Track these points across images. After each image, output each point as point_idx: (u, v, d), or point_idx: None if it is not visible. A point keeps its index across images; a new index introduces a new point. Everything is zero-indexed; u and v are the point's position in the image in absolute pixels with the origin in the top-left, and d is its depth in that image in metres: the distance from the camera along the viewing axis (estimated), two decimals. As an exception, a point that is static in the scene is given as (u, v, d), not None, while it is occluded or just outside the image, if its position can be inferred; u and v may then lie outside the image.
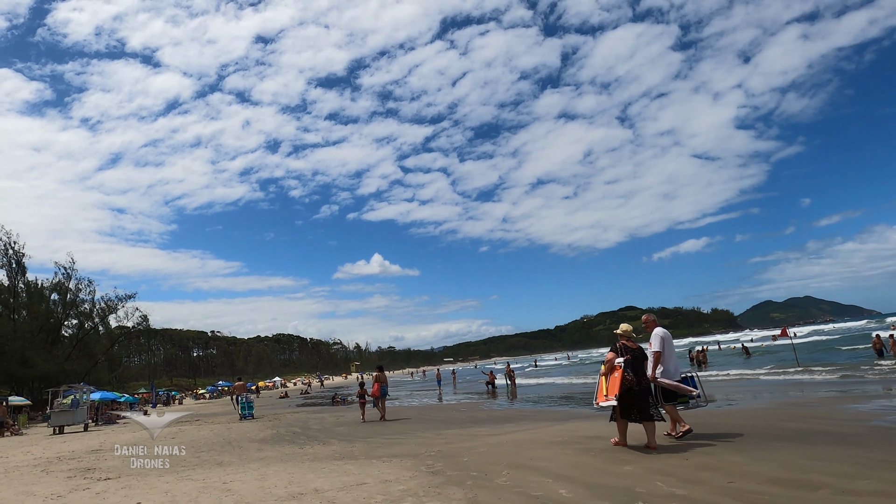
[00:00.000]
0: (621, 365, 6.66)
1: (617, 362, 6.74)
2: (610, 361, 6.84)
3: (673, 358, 7.24)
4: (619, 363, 6.71)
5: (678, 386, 7.06)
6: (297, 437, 12.27)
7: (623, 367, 6.63)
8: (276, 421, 17.84)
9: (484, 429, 10.95)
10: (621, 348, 6.83)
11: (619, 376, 6.61)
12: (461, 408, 18.45)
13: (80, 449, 12.88)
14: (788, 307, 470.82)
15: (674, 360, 7.25)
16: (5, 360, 39.92)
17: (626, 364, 6.65)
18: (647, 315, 7.61)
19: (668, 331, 7.35)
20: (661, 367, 7.00)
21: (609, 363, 6.85)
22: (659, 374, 6.96)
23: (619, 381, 6.58)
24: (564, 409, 14.72)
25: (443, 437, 9.99)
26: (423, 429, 11.94)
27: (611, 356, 6.86)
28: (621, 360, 6.70)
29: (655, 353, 7.00)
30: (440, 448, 8.26)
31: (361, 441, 10.40)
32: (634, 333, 7.17)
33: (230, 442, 12.14)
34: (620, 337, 7.01)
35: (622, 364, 6.66)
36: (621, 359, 6.72)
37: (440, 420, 14.10)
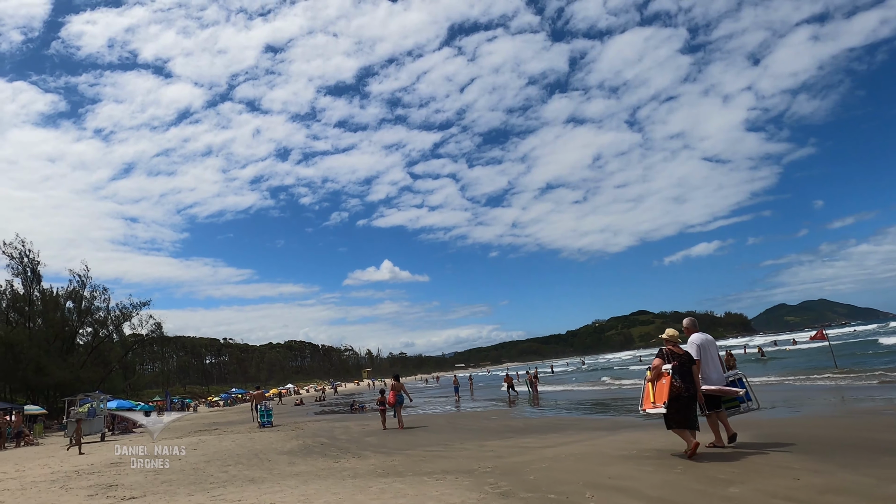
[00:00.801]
0: (669, 371, 6.49)
1: (664, 369, 6.57)
2: (657, 367, 6.66)
3: (713, 363, 7.03)
4: (666, 370, 6.54)
5: (721, 389, 6.86)
6: (327, 448, 11.56)
7: (671, 374, 6.45)
8: (298, 430, 17.16)
9: (528, 439, 10.19)
10: (668, 354, 6.67)
11: (667, 383, 6.44)
12: (491, 415, 17.66)
13: (100, 462, 12.27)
14: (803, 310, 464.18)
15: (715, 366, 7.03)
16: (21, 368, 39.74)
17: (674, 370, 6.48)
18: (686, 321, 7.43)
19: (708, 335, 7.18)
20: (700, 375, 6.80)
21: (656, 369, 6.68)
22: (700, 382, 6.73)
23: (667, 388, 6.41)
24: (605, 418, 13.90)
25: (488, 448, 9.24)
26: (461, 439, 11.18)
27: (657, 362, 6.67)
28: (669, 367, 6.53)
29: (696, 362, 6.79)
30: (493, 462, 7.51)
31: (399, 454, 9.68)
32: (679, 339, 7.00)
33: (256, 454, 11.46)
34: (666, 342, 6.85)
35: (670, 370, 6.49)
36: (668, 365, 6.55)
37: (475, 429, 13.34)
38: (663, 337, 6.96)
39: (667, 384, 6.42)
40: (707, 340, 7.09)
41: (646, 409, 6.83)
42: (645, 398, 6.91)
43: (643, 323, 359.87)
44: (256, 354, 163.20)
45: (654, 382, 6.73)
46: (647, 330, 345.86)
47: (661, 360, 6.65)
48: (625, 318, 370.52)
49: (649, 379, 6.85)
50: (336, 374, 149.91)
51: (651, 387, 6.77)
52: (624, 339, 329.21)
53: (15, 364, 39.72)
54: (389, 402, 15.57)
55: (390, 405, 15.57)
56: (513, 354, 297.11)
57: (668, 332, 7.00)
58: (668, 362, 6.60)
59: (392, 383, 16.23)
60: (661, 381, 6.58)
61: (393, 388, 15.85)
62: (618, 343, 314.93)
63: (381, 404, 15.95)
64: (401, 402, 15.78)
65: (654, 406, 6.61)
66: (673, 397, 6.34)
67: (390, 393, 15.71)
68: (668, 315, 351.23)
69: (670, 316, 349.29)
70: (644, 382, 7.06)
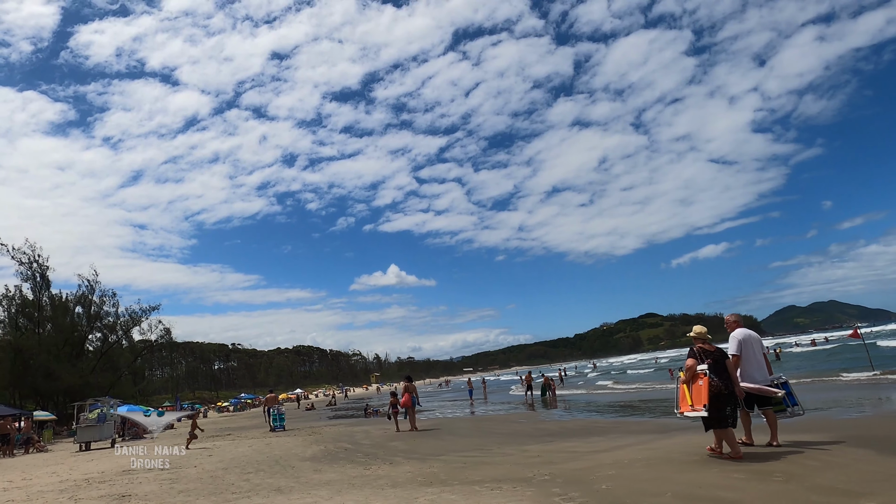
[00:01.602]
0: (705, 372, 6.21)
1: (700, 369, 6.29)
2: (691, 368, 6.36)
3: (756, 361, 6.75)
4: (702, 370, 6.26)
5: (762, 389, 6.60)
6: (352, 454, 10.79)
7: (708, 374, 6.17)
8: (316, 435, 16.41)
9: (571, 443, 9.39)
10: (699, 352, 6.39)
11: (705, 384, 6.14)
12: (517, 418, 16.84)
13: (111, 469, 11.56)
14: (812, 312, 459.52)
15: (759, 365, 6.75)
16: (30, 373, 39.32)
17: (710, 369, 6.21)
18: (730, 316, 7.15)
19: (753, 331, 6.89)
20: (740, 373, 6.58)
21: (690, 370, 6.37)
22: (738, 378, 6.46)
23: (706, 388, 6.10)
24: (645, 420, 13.03)
25: (532, 453, 8.45)
26: (496, 443, 10.38)
27: (691, 362, 6.37)
28: (704, 367, 6.25)
29: (733, 357, 6.56)
30: (548, 469, 6.72)
31: (435, 459, 8.89)
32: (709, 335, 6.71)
33: (277, 461, 10.70)
34: (696, 340, 6.57)
35: (706, 371, 6.21)
36: (704, 365, 6.27)
37: (506, 433, 12.53)
38: (692, 335, 6.67)
39: (705, 385, 6.13)
40: (750, 337, 6.77)
41: (683, 412, 6.55)
42: (681, 400, 6.61)
43: (652, 325, 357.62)
44: (265, 359, 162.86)
45: (689, 384, 6.45)
46: (657, 332, 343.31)
47: (695, 360, 6.36)
48: (633, 321, 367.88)
49: (684, 380, 6.56)
50: (344, 379, 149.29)
51: (687, 388, 6.49)
52: (633, 342, 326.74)
53: (24, 369, 39.33)
54: (404, 405, 15.41)
55: (404, 407, 15.45)
56: (521, 358, 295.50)
57: (696, 329, 6.69)
58: (702, 362, 6.31)
59: (405, 385, 16.02)
60: (696, 382, 6.30)
61: (406, 389, 15.67)
62: (627, 346, 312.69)
63: (394, 407, 15.75)
64: (414, 404, 15.61)
65: (692, 409, 6.31)
66: (713, 396, 6.04)
67: (404, 395, 15.52)
68: (676, 317, 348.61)
69: (679, 318, 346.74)
70: (678, 384, 6.81)
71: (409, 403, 15.48)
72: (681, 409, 6.61)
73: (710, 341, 6.60)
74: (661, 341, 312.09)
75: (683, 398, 6.55)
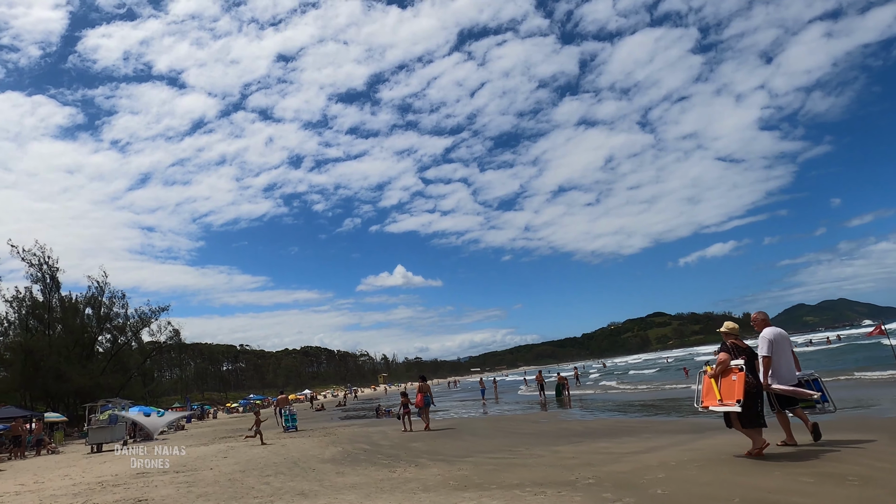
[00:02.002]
0: (741, 367, 6.06)
1: (734, 364, 6.13)
2: (724, 363, 6.19)
3: (786, 360, 6.54)
4: (736, 365, 6.11)
5: (795, 391, 6.38)
6: (372, 455, 10.42)
7: (743, 369, 6.03)
8: (331, 436, 16.07)
9: (604, 443, 8.97)
10: (733, 348, 6.27)
11: (739, 379, 5.97)
12: (536, 418, 16.43)
13: (124, 472, 11.25)
14: (822, 310, 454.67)
15: (788, 363, 6.54)
16: (41, 375, 39.26)
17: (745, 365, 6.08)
18: (757, 314, 6.91)
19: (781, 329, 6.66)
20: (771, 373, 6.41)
21: (722, 364, 6.20)
22: (770, 379, 6.37)
23: (741, 384, 5.93)
24: (674, 419, 12.57)
25: (566, 454, 8.04)
26: (523, 444, 9.97)
27: (724, 357, 6.22)
28: (740, 362, 6.11)
29: (765, 359, 6.38)
30: (591, 472, 6.31)
31: (462, 461, 8.50)
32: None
33: (296, 463, 10.35)
34: (727, 336, 6.45)
35: (741, 366, 6.06)
36: (739, 360, 6.13)
37: (530, 433, 12.12)
38: (723, 331, 6.56)
39: (739, 380, 5.96)
40: (780, 336, 6.57)
41: (708, 407, 6.37)
42: (706, 394, 6.43)
43: (660, 325, 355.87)
44: (273, 360, 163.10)
45: (717, 378, 6.26)
46: (665, 332, 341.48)
47: (728, 355, 6.21)
48: (641, 320, 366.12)
49: (712, 374, 6.38)
50: (352, 380, 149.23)
51: (715, 383, 6.28)
52: (641, 342, 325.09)
53: (35, 371, 39.25)
54: (417, 404, 15.30)
55: (417, 407, 15.32)
56: (528, 358, 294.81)
57: (727, 325, 6.59)
58: (736, 357, 6.18)
59: (419, 384, 15.91)
60: (729, 377, 6.12)
61: (420, 389, 15.57)
62: (635, 345, 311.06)
63: (405, 407, 15.57)
64: (428, 403, 15.54)
65: (721, 404, 6.10)
66: (747, 393, 5.89)
67: (418, 395, 15.42)
68: (685, 316, 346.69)
69: (687, 317, 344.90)
70: (703, 377, 6.63)
71: (423, 403, 15.41)
72: (705, 403, 6.44)
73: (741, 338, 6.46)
74: (669, 340, 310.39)
75: (709, 393, 6.37)
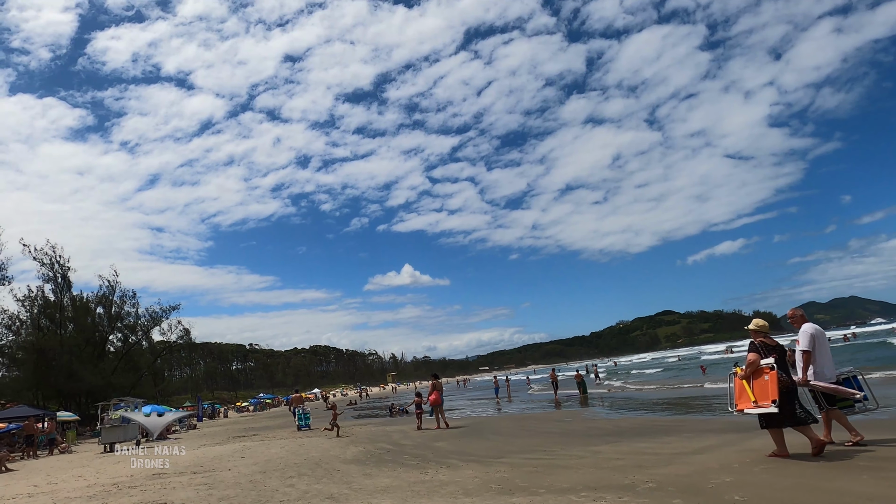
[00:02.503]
0: (772, 367, 5.85)
1: (765, 363, 5.94)
2: (754, 363, 6.03)
3: (826, 357, 6.37)
4: (767, 364, 5.91)
5: (837, 388, 6.23)
6: (398, 456, 9.97)
7: (775, 369, 5.83)
8: (349, 435, 15.64)
9: (645, 443, 8.48)
10: (762, 346, 6.08)
11: (772, 379, 5.79)
12: (562, 417, 15.94)
13: (139, 473, 10.87)
14: (833, 308, 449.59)
15: (828, 360, 6.38)
16: (53, 374, 39.23)
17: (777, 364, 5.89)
18: (794, 310, 6.70)
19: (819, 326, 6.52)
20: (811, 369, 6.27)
21: (753, 365, 6.03)
22: (811, 376, 6.21)
23: (775, 384, 5.74)
24: (711, 418, 12.02)
25: (608, 455, 7.55)
26: (555, 444, 9.49)
27: (754, 357, 6.05)
28: (770, 361, 5.91)
29: (805, 353, 6.25)
30: (645, 476, 5.81)
31: (497, 462, 8.02)
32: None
33: (318, 463, 9.91)
34: (756, 334, 6.23)
35: (773, 365, 5.86)
36: (770, 359, 5.93)
37: (560, 433, 11.63)
38: (751, 328, 6.31)
39: (772, 380, 5.77)
40: (820, 331, 6.43)
41: (742, 409, 6.18)
42: (739, 396, 6.25)
43: (669, 323, 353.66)
44: (282, 360, 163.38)
45: (749, 379, 6.08)
46: (674, 330, 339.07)
47: (758, 355, 6.03)
48: (649, 319, 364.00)
49: (742, 375, 6.20)
50: (361, 379, 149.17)
51: (747, 384, 6.09)
52: (650, 340, 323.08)
53: (47, 370, 39.24)
54: (434, 402, 15.33)
55: (433, 405, 15.35)
56: (537, 357, 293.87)
57: (756, 322, 6.33)
58: (766, 356, 5.98)
59: (433, 383, 15.86)
60: (761, 377, 5.94)
61: (434, 387, 15.61)
62: (644, 344, 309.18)
63: (419, 406, 15.81)
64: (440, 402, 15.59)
65: (756, 405, 5.92)
66: (783, 393, 5.71)
67: (433, 393, 15.44)
68: (694, 315, 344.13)
69: (697, 316, 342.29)
70: (734, 379, 6.45)
71: (440, 401, 15.41)
72: (739, 405, 6.24)
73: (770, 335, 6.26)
74: (678, 339, 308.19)
75: (742, 395, 6.17)
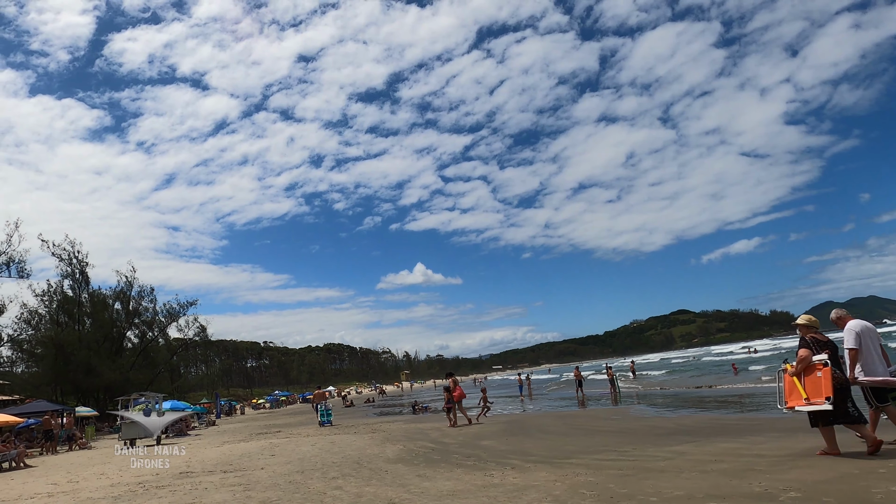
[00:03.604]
0: (825, 363, 5.67)
1: (818, 359, 5.75)
2: (804, 359, 5.84)
3: (875, 353, 6.02)
4: (820, 360, 5.72)
5: (887, 381, 5.88)
6: (445, 455, 9.08)
7: (828, 365, 5.64)
8: (380, 432, 14.82)
9: (728, 443, 7.51)
10: (813, 342, 5.88)
11: (825, 375, 5.61)
12: (608, 414, 14.97)
13: (165, 471, 10.12)
14: (851, 307, 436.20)
15: (878, 357, 6.02)
16: (71, 369, 38.99)
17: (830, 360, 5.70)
18: (837, 311, 6.39)
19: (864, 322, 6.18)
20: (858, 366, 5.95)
21: (804, 361, 5.85)
22: (858, 373, 5.93)
23: (828, 380, 5.57)
24: (781, 417, 10.99)
25: (697, 456, 6.60)
26: (621, 442, 8.54)
27: (805, 353, 5.86)
28: (823, 357, 5.71)
29: (852, 351, 5.99)
30: (775, 481, 4.84)
31: (567, 463, 7.08)
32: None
33: (359, 462, 9.07)
34: (806, 330, 6.06)
35: (826, 361, 5.67)
36: (823, 356, 5.73)
37: (617, 431, 10.67)
38: (801, 324, 6.13)
39: (826, 376, 5.58)
40: (866, 328, 6.11)
41: (793, 407, 5.95)
42: (789, 394, 6.04)
43: (684, 322, 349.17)
44: (297, 357, 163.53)
45: (800, 376, 5.87)
46: (689, 329, 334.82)
47: (809, 351, 5.83)
48: (664, 318, 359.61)
49: (793, 372, 5.98)
50: (375, 377, 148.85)
51: (798, 381, 5.88)
52: (665, 339, 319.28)
53: (65, 365, 39.01)
54: (458, 398, 15.53)
55: (458, 401, 15.53)
56: (550, 356, 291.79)
57: (805, 317, 6.15)
58: (817, 352, 5.77)
59: (453, 380, 16.23)
60: (813, 374, 5.74)
61: (456, 384, 15.92)
62: (658, 343, 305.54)
63: (449, 402, 15.82)
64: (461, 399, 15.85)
65: (808, 402, 5.69)
66: (836, 389, 5.51)
67: (457, 389, 15.66)
68: (709, 314, 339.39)
69: (712, 315, 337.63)
70: (783, 376, 6.20)
71: (464, 396, 15.74)
72: (789, 403, 6.02)
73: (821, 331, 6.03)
74: (693, 338, 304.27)
75: (793, 392, 5.97)
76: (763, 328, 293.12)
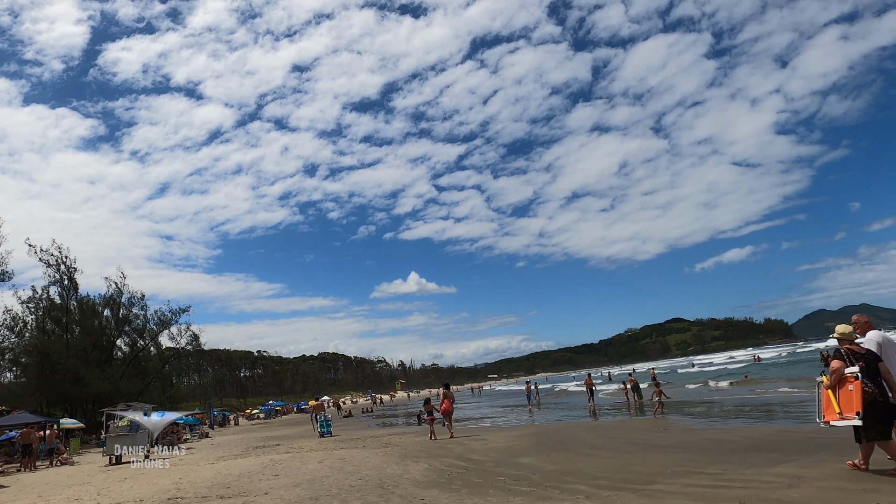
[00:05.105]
0: (857, 376, 5.42)
1: (849, 372, 5.51)
2: (837, 371, 5.62)
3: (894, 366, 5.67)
4: (851, 373, 5.49)
5: None
6: (485, 476, 7.68)
7: (859, 378, 5.39)
8: (392, 446, 13.38)
9: (838, 463, 6.19)
10: (848, 354, 5.63)
11: (856, 389, 5.36)
12: (649, 426, 13.55)
13: (150, 495, 8.65)
14: (844, 315, 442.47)
15: None
16: (58, 379, 37.15)
17: (862, 373, 5.41)
18: (859, 315, 6.28)
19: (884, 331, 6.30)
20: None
21: (837, 373, 5.63)
22: None
23: (859, 394, 5.31)
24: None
25: (816, 483, 5.28)
26: (695, 461, 7.18)
27: (838, 365, 5.63)
28: (855, 370, 5.46)
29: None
30: None
31: (650, 490, 5.70)
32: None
33: (382, 486, 7.65)
34: (841, 341, 5.83)
35: (857, 374, 5.42)
36: (854, 368, 5.47)
37: (677, 446, 9.30)
38: (835, 336, 5.95)
39: (856, 391, 5.41)
40: (888, 340, 5.95)
41: (828, 421, 5.81)
42: (825, 408, 5.89)
43: (679, 331, 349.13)
44: (291, 367, 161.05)
45: (835, 389, 5.71)
46: (684, 338, 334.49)
47: (842, 363, 5.65)
48: (659, 326, 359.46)
49: (828, 385, 5.83)
50: (370, 386, 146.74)
51: (833, 394, 5.73)
52: (660, 348, 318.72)
53: (52, 375, 37.18)
54: (445, 411, 15.17)
55: (446, 414, 15.18)
56: (546, 365, 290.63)
57: (841, 328, 5.96)
58: (851, 364, 5.57)
59: (443, 392, 15.83)
60: (845, 387, 5.58)
61: (445, 396, 15.50)
62: (654, 351, 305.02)
63: (430, 414, 15.64)
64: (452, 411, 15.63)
65: (841, 417, 5.57)
66: (868, 404, 5.32)
67: (444, 402, 15.28)
68: (704, 322, 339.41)
69: (707, 323, 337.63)
70: (821, 389, 6.02)
71: (451, 410, 15.35)
72: (825, 417, 5.88)
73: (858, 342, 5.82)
74: (689, 346, 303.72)
75: (828, 406, 5.82)
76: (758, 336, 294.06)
